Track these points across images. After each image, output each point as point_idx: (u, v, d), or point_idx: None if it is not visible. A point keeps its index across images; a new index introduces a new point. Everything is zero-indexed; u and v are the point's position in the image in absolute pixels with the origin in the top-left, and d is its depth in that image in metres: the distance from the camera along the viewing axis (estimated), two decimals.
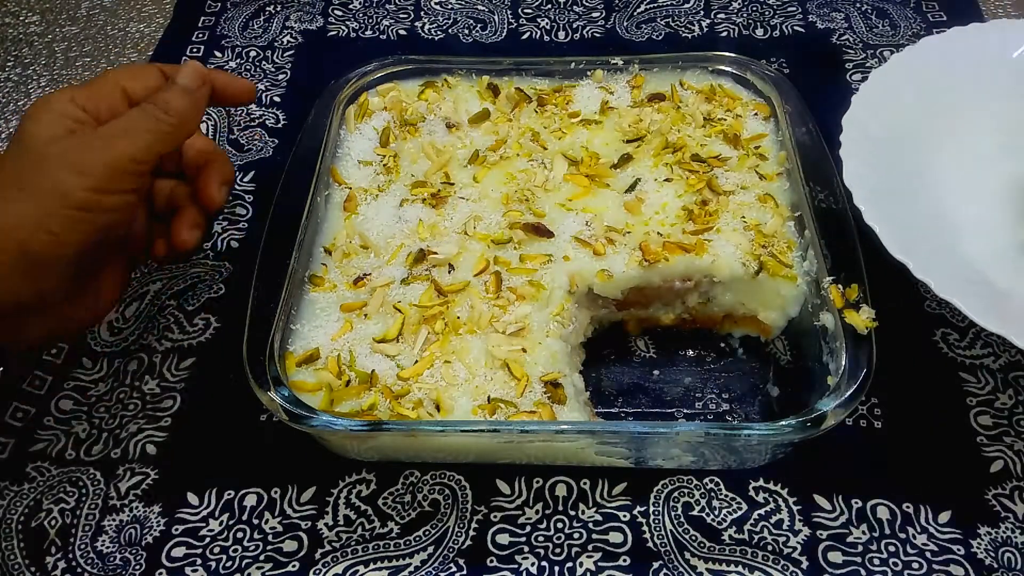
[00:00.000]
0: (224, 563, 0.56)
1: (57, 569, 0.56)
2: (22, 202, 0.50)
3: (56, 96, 0.55)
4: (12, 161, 0.52)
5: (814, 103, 0.68)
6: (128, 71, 0.59)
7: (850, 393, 0.50)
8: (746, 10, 0.94)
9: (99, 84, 0.57)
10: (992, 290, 0.61)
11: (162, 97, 0.55)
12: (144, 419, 0.63)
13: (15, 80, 0.90)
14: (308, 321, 0.58)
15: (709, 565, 0.55)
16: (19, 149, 0.52)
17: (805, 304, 0.60)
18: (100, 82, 0.57)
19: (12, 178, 0.51)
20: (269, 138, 0.83)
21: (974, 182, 0.69)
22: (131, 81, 0.58)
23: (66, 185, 0.50)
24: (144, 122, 0.53)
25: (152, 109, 0.54)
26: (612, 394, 0.63)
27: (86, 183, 0.50)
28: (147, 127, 0.53)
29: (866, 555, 0.56)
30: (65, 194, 0.50)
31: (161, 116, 0.54)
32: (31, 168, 0.51)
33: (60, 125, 0.53)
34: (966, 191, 0.69)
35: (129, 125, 0.53)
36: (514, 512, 0.58)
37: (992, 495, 0.58)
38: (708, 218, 0.61)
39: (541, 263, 0.60)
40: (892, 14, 0.92)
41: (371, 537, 0.57)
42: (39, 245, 0.49)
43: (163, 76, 0.59)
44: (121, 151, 0.52)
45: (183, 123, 0.55)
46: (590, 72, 0.72)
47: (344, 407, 0.53)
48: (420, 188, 0.65)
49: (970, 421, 0.61)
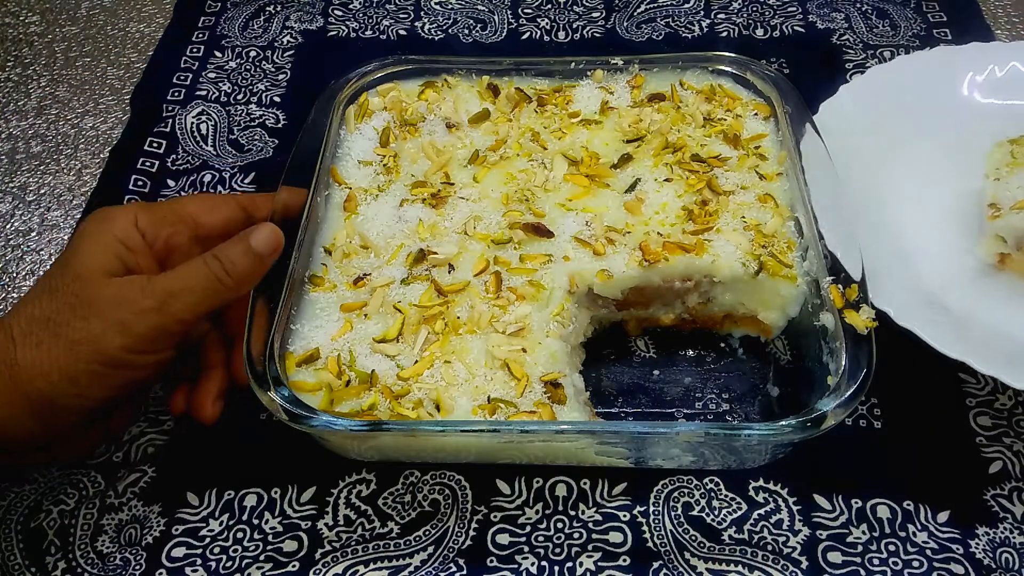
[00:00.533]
0: (224, 563, 0.56)
1: (57, 569, 0.56)
2: (53, 349, 0.47)
3: (119, 211, 0.52)
4: (52, 289, 0.48)
5: (814, 103, 0.68)
6: (207, 202, 0.56)
7: (850, 393, 0.50)
8: (746, 10, 0.94)
9: (169, 209, 0.54)
10: (951, 317, 0.61)
11: (228, 255, 0.51)
12: (144, 420, 0.63)
13: (15, 80, 0.90)
14: (308, 321, 0.58)
15: (709, 565, 0.56)
16: (65, 271, 0.49)
17: (805, 304, 0.60)
18: (171, 207, 0.54)
19: (49, 316, 0.48)
20: (269, 138, 0.83)
21: (925, 207, 0.71)
22: (208, 215, 0.55)
23: (105, 342, 0.47)
24: (202, 279, 0.50)
25: (215, 266, 0.51)
26: (612, 394, 0.63)
27: (127, 344, 0.48)
28: (204, 285, 0.50)
29: (866, 555, 0.56)
30: (102, 351, 0.47)
31: (223, 276, 0.51)
32: (70, 310, 0.48)
33: (114, 253, 0.50)
34: (918, 217, 0.70)
35: (186, 284, 0.50)
36: (514, 512, 0.58)
37: (991, 495, 0.58)
38: (708, 218, 0.61)
39: (541, 263, 0.60)
40: (892, 14, 0.92)
41: (371, 537, 0.57)
42: (60, 397, 0.47)
43: (243, 211, 0.56)
44: (173, 314, 0.49)
45: (241, 286, 0.52)
46: (590, 72, 0.72)
47: (344, 407, 0.53)
48: (420, 188, 0.65)
49: (969, 422, 0.61)
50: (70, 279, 0.49)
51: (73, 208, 0.78)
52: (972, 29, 0.90)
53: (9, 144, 0.84)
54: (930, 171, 0.73)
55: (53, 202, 0.79)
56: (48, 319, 0.48)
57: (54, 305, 0.48)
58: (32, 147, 0.83)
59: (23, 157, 0.82)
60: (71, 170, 0.81)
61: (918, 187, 0.72)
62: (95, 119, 0.86)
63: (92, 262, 0.50)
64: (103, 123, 0.85)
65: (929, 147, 0.74)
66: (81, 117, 0.86)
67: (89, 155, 0.82)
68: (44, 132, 0.85)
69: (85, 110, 0.87)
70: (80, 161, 0.82)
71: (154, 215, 0.54)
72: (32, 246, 0.75)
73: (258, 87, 0.87)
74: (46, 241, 0.76)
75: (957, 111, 0.76)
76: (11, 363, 0.47)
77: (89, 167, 0.81)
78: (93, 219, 0.52)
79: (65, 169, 0.81)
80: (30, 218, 0.78)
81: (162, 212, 0.55)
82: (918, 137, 0.75)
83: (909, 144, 0.74)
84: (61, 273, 0.50)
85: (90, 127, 0.85)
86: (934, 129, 0.75)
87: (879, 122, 0.74)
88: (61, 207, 0.78)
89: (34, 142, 0.84)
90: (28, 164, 0.82)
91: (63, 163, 0.82)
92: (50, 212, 0.78)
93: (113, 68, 0.91)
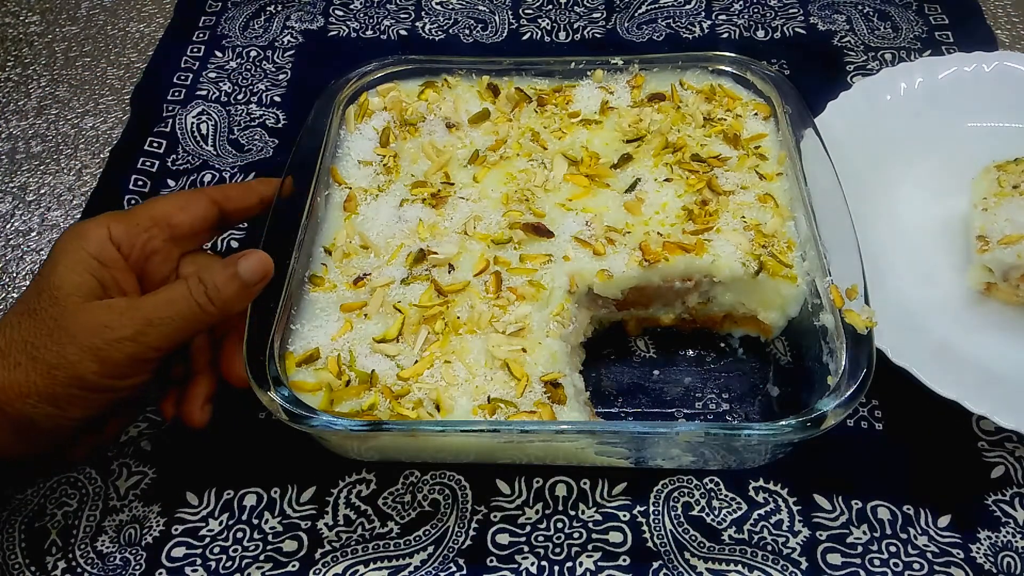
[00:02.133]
0: (224, 563, 0.56)
1: (57, 569, 0.56)
2: (31, 372, 0.47)
3: (92, 226, 0.51)
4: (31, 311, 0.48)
5: (815, 105, 0.68)
6: (177, 201, 0.55)
7: (850, 393, 0.50)
8: (747, 11, 0.94)
9: (142, 214, 0.53)
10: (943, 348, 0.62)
11: (213, 280, 0.50)
12: (144, 421, 0.63)
13: (15, 80, 0.90)
14: (308, 321, 0.58)
15: (709, 565, 0.55)
16: (42, 294, 0.49)
17: (805, 304, 0.60)
18: (144, 212, 0.53)
19: (27, 338, 0.47)
20: (269, 138, 0.83)
21: (912, 229, 0.71)
22: (181, 214, 0.54)
23: (81, 368, 0.47)
24: (184, 306, 0.49)
25: (198, 291, 0.50)
26: (612, 394, 0.63)
27: (103, 371, 0.47)
28: (185, 312, 0.49)
29: (866, 556, 0.56)
30: (78, 376, 0.47)
31: (205, 303, 0.50)
32: (47, 334, 0.47)
33: (89, 271, 0.49)
34: (903, 240, 0.70)
35: (168, 312, 0.49)
36: (514, 512, 0.58)
37: (992, 500, 0.58)
38: (708, 218, 0.61)
39: (541, 263, 0.60)
40: (894, 16, 0.92)
41: (371, 537, 0.57)
42: (40, 417, 0.47)
43: (215, 205, 0.55)
44: (149, 343, 0.48)
45: (224, 313, 0.51)
46: (590, 72, 0.72)
47: (344, 407, 0.53)
48: (420, 188, 0.65)
49: (972, 426, 0.61)
50: (47, 302, 0.49)
51: (73, 208, 0.78)
52: (974, 31, 0.90)
53: (9, 144, 0.84)
54: (913, 194, 0.73)
55: (53, 202, 0.79)
56: (26, 342, 0.48)
57: (32, 328, 0.48)
58: (32, 147, 0.83)
59: (23, 157, 0.82)
60: (71, 170, 0.81)
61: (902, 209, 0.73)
62: (95, 119, 0.86)
63: (68, 284, 0.49)
64: (103, 123, 0.85)
65: (912, 169, 0.75)
66: (81, 117, 0.86)
67: (89, 155, 0.82)
68: (44, 132, 0.85)
69: (85, 110, 0.87)
70: (80, 161, 0.82)
71: (128, 224, 0.53)
72: (32, 246, 0.75)
73: (258, 87, 0.87)
74: (46, 241, 0.76)
75: (945, 131, 0.76)
76: None
77: (89, 167, 0.81)
78: (67, 236, 0.51)
79: (65, 169, 0.81)
80: (30, 218, 0.78)
81: (135, 219, 0.54)
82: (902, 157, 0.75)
83: (893, 165, 0.75)
84: (38, 295, 0.49)
85: (90, 127, 0.85)
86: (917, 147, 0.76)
87: (863, 142, 0.74)
88: (61, 207, 0.78)
89: (34, 142, 0.84)
90: (28, 164, 0.82)
91: (63, 163, 0.82)
92: (50, 212, 0.78)
93: (113, 68, 0.91)
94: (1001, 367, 0.62)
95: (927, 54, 0.87)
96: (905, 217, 0.72)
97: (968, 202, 0.69)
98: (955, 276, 0.68)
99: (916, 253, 0.70)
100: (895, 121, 0.76)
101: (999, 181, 0.67)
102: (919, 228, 0.71)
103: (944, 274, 0.68)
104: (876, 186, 0.73)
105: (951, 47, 0.89)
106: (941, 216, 0.71)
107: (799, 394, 0.62)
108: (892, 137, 0.75)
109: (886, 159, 0.74)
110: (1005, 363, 0.62)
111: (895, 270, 0.67)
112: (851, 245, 0.57)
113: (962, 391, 0.57)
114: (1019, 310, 0.66)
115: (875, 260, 0.64)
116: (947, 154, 0.75)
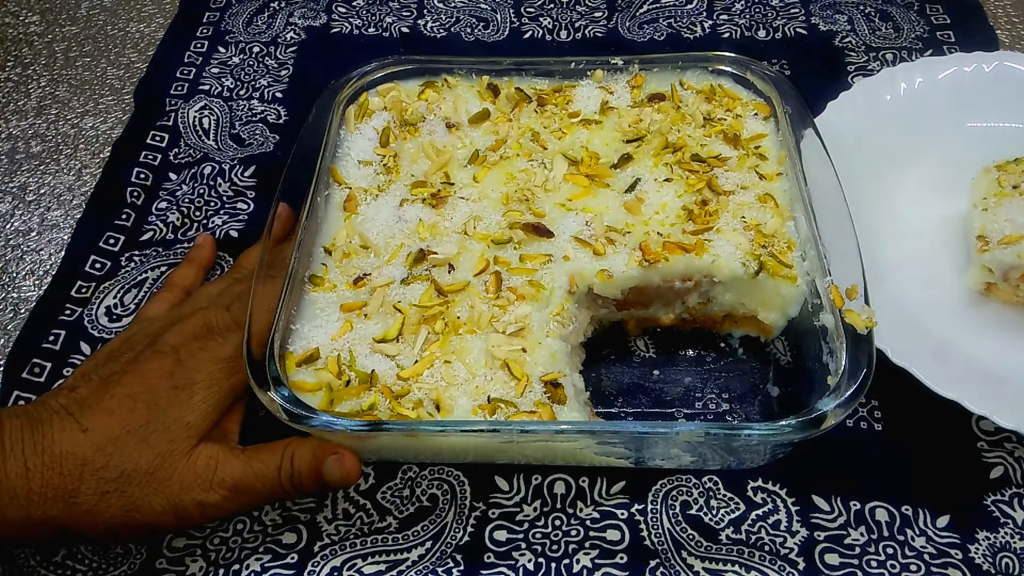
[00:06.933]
0: (224, 554, 0.56)
1: (58, 556, 0.56)
2: (110, 508, 0.49)
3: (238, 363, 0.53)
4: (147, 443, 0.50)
5: (815, 105, 0.68)
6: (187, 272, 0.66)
7: (850, 393, 0.50)
8: (748, 11, 0.94)
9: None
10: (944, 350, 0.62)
11: (300, 468, 0.52)
12: None
13: (15, 80, 0.90)
14: (308, 321, 0.58)
15: (706, 564, 0.56)
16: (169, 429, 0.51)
17: (805, 304, 0.60)
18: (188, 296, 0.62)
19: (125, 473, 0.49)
20: (270, 134, 0.83)
21: (911, 229, 0.71)
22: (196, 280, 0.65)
23: (158, 520, 0.50)
24: (273, 483, 0.52)
25: (286, 473, 0.52)
26: (612, 394, 0.63)
27: (177, 525, 0.51)
28: (270, 489, 0.52)
29: (863, 557, 0.56)
30: (150, 524, 0.50)
31: (288, 487, 0.52)
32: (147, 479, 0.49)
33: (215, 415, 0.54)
34: (903, 240, 0.70)
35: (254, 484, 0.52)
36: (512, 509, 0.58)
37: (991, 501, 0.58)
38: (708, 218, 0.61)
39: (541, 263, 0.60)
40: (895, 17, 0.92)
41: (369, 531, 0.57)
42: (81, 529, 0.50)
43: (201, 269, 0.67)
44: (227, 508, 0.52)
45: (292, 498, 0.57)
46: (590, 72, 0.72)
47: (344, 407, 0.53)
48: (420, 188, 0.65)
49: (971, 426, 0.61)
50: (164, 445, 0.50)
51: (73, 208, 0.78)
52: (976, 32, 0.90)
53: (9, 144, 0.84)
54: (915, 193, 0.73)
55: (53, 202, 0.79)
56: (123, 475, 0.49)
57: (135, 463, 0.50)
58: (32, 147, 0.83)
59: (23, 157, 0.82)
60: (71, 170, 0.81)
61: (903, 208, 0.73)
62: (95, 119, 0.86)
63: (191, 432, 0.51)
64: (103, 123, 0.85)
65: (913, 168, 0.75)
66: (81, 117, 0.86)
67: (89, 155, 0.82)
68: (44, 132, 0.85)
69: (85, 110, 0.87)
70: (80, 161, 0.82)
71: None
72: (32, 246, 0.75)
73: (260, 83, 0.87)
74: (46, 241, 0.76)
75: (945, 131, 0.76)
76: (67, 497, 0.49)
77: (89, 167, 0.81)
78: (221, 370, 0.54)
79: (65, 169, 0.81)
80: (30, 218, 0.78)
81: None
82: (903, 158, 0.75)
83: (893, 165, 0.75)
84: (165, 426, 0.51)
85: (90, 127, 0.85)
86: (920, 149, 0.76)
87: (864, 139, 0.74)
88: (61, 207, 0.78)
89: (34, 142, 0.84)
90: (28, 164, 0.82)
91: (63, 163, 0.82)
92: (50, 212, 0.78)
93: (113, 68, 0.91)
94: (1001, 367, 0.62)
95: (928, 54, 0.87)
96: (905, 217, 0.72)
97: (968, 202, 0.69)
98: (955, 276, 0.68)
99: (916, 253, 0.70)
100: (895, 121, 0.76)
101: (999, 181, 0.67)
102: (919, 228, 0.71)
103: (944, 274, 0.68)
104: (876, 186, 0.73)
105: (952, 47, 0.88)
106: (941, 216, 0.71)
107: (799, 394, 0.62)
108: (892, 137, 0.75)
109: (886, 159, 0.74)
110: (1005, 363, 0.62)
111: (895, 270, 0.67)
112: (851, 245, 0.57)
113: (962, 391, 0.57)
114: (1019, 310, 0.66)
115: (875, 260, 0.64)
116: (947, 154, 0.75)
